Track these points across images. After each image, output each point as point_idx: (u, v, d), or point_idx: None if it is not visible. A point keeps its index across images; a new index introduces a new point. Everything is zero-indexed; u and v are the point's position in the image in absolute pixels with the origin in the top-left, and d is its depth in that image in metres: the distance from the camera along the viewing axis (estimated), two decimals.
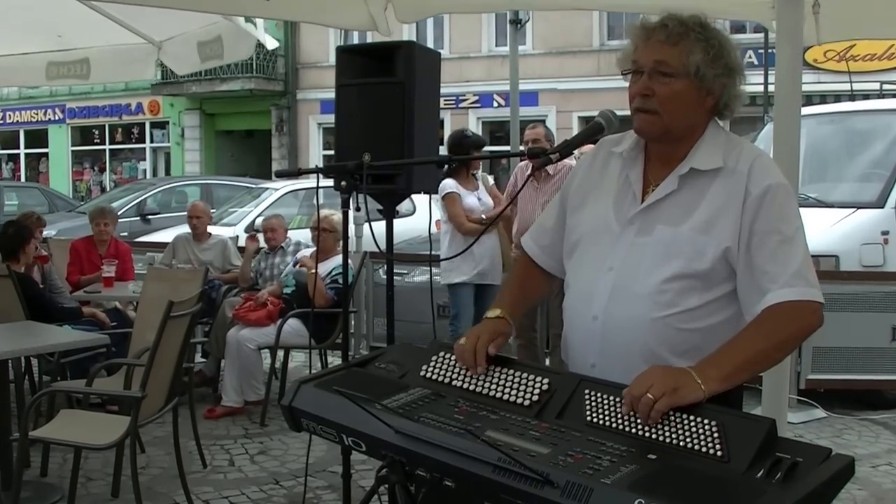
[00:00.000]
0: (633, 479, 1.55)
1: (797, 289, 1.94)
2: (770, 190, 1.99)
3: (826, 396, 6.06)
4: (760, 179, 2.00)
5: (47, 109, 27.96)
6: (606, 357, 2.05)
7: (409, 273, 7.21)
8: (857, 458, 5.27)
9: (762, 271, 1.96)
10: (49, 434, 3.95)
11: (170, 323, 3.79)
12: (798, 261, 1.97)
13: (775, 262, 1.95)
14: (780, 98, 3.66)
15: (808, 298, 1.95)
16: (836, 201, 7.02)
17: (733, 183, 2.01)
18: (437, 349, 2.11)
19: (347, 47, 3.56)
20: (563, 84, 19.90)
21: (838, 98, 13.58)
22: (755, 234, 1.98)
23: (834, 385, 6.06)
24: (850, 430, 5.69)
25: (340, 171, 2.59)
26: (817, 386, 6.03)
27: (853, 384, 6.11)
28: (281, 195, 12.05)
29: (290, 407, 2.05)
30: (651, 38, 2.03)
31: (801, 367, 5.95)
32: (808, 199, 6.71)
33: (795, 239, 1.99)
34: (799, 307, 1.94)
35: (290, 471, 4.88)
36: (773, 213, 1.98)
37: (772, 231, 1.97)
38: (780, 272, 1.94)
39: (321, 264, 5.94)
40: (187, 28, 5.52)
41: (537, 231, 2.37)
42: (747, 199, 1.99)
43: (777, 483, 1.54)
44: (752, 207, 1.98)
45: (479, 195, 6.16)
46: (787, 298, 1.93)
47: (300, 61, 24.01)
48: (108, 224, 6.82)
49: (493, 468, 1.64)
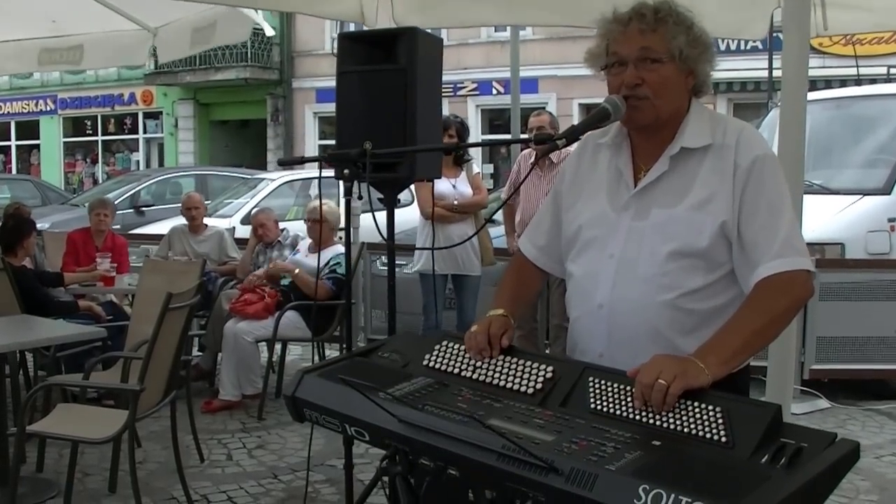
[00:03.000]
0: (638, 466, 1.56)
1: (786, 259, 1.96)
2: (757, 161, 2.01)
3: (829, 386, 6.02)
4: (747, 151, 2.02)
5: (38, 100, 27.76)
6: (615, 344, 2.06)
7: (407, 264, 7.15)
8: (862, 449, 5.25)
9: (753, 243, 1.99)
10: (46, 428, 3.91)
11: (168, 315, 3.76)
12: (785, 229, 1.99)
13: (764, 233, 1.98)
14: (787, 87, 3.65)
15: (798, 268, 1.97)
16: (842, 188, 6.96)
17: (723, 157, 2.03)
18: (439, 339, 2.11)
19: (349, 34, 3.51)
20: (563, 70, 19.43)
21: (844, 83, 13.46)
22: (744, 205, 2.00)
23: (838, 375, 6.02)
24: (853, 421, 5.66)
25: (343, 159, 2.55)
26: (821, 376, 5.99)
27: (858, 374, 6.07)
28: (277, 186, 12.01)
29: (293, 397, 2.03)
30: (627, 29, 2.04)
31: (805, 357, 5.92)
32: (813, 185, 6.61)
33: (783, 208, 2.01)
34: (789, 279, 1.96)
35: (288, 465, 4.86)
36: (760, 185, 2.00)
37: (759, 202, 2.00)
38: (770, 242, 1.97)
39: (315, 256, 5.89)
40: (183, 14, 5.48)
41: (533, 231, 2.39)
42: (736, 171, 2.01)
43: (781, 468, 1.54)
44: (742, 179, 2.01)
45: (454, 182, 6.04)
46: (777, 270, 1.95)
47: (296, 49, 23.73)
48: (107, 215, 6.80)
49: (497, 456, 1.64)
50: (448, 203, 5.94)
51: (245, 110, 24.93)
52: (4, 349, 4.14)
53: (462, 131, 6.10)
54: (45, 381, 4.49)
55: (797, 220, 2.04)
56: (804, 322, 5.80)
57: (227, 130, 25.86)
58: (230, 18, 5.33)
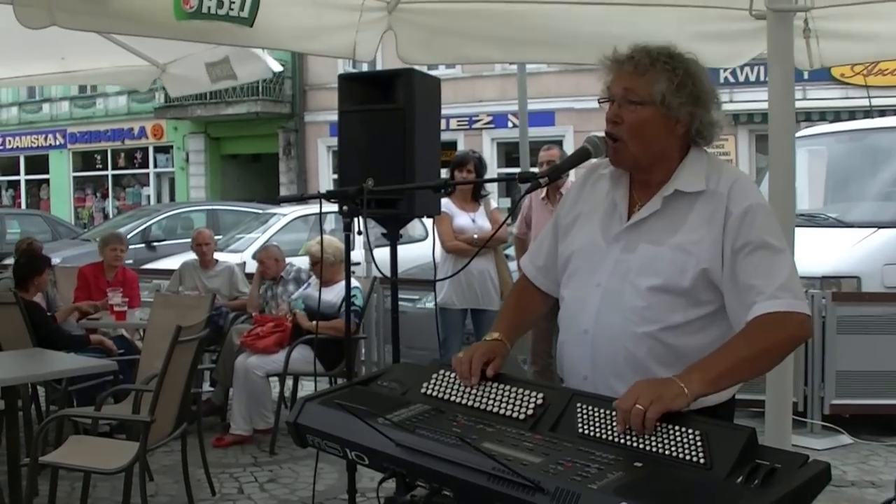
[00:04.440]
0: (619, 485, 1.65)
1: (783, 300, 2.01)
2: (750, 210, 2.08)
3: (852, 422, 5.96)
4: (741, 200, 2.09)
5: (48, 134, 27.89)
6: (597, 368, 2.15)
7: (420, 299, 7.16)
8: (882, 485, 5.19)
9: (748, 286, 2.04)
10: (59, 459, 3.98)
11: (177, 348, 3.84)
12: (785, 274, 2.04)
13: (761, 276, 2.03)
14: (773, 119, 3.71)
15: (795, 310, 2.01)
16: (857, 221, 6.91)
17: (714, 204, 2.10)
18: (437, 367, 2.20)
19: (348, 75, 3.67)
20: (580, 103, 19.28)
21: (868, 114, 13.45)
22: (739, 251, 2.06)
23: (858, 410, 5.95)
24: (876, 456, 5.58)
25: (342, 196, 2.65)
26: (842, 411, 5.91)
27: (878, 409, 5.98)
28: (289, 220, 11.96)
29: (296, 423, 2.13)
30: (621, 70, 2.15)
31: (825, 392, 5.86)
32: (829, 218, 6.65)
33: (781, 253, 2.07)
34: (785, 318, 2.01)
35: (300, 498, 4.90)
36: (755, 230, 2.06)
37: (756, 246, 2.05)
38: (766, 285, 2.02)
39: (329, 289, 5.96)
40: (192, 50, 5.59)
41: (534, 252, 2.47)
42: (728, 219, 2.08)
43: (755, 488, 1.63)
44: (734, 226, 2.07)
45: (474, 217, 6.13)
46: (773, 309, 2.00)
47: (308, 83, 23.62)
48: (123, 250, 6.93)
49: (488, 477, 1.73)
50: (468, 237, 6.02)
51: (257, 144, 24.93)
52: (18, 381, 4.21)
53: (479, 167, 6.17)
54: (56, 413, 4.57)
55: (795, 267, 2.10)
56: (823, 356, 5.78)
57: (238, 164, 25.85)
58: (239, 55, 5.44)
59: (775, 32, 3.67)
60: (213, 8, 3.36)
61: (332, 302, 5.95)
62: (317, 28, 4.04)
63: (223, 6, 3.38)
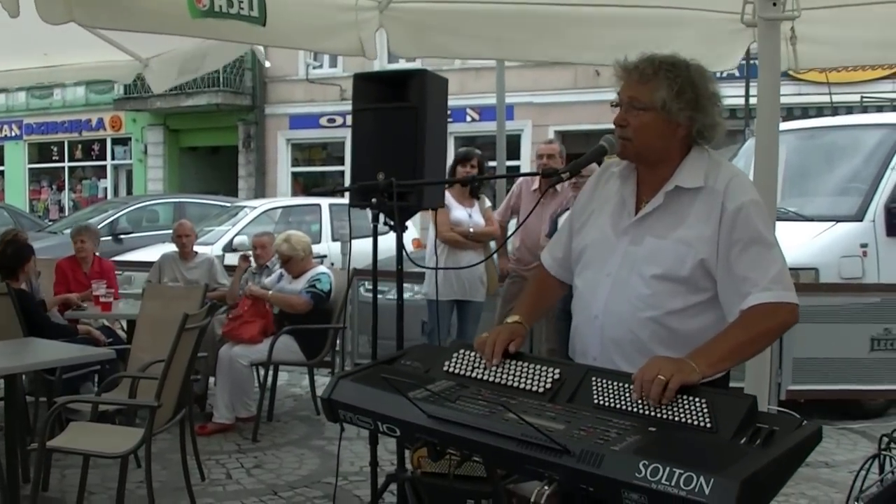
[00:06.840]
0: (637, 447, 1.85)
1: (775, 292, 2.25)
2: (745, 206, 2.30)
3: (806, 407, 6.16)
4: (736, 197, 2.31)
5: (3, 125, 27.29)
6: (605, 351, 2.38)
7: (389, 290, 7.24)
8: (835, 465, 5.46)
9: (743, 277, 2.27)
10: (64, 444, 4.07)
11: (182, 335, 3.96)
12: (776, 268, 2.28)
13: (755, 269, 2.26)
14: (761, 120, 3.99)
15: (786, 300, 2.26)
16: (816, 215, 7.10)
17: (712, 200, 2.33)
18: (457, 347, 2.40)
19: (364, 74, 3.80)
20: (539, 97, 19.68)
21: (820, 111, 13.39)
22: (735, 244, 2.29)
23: (814, 395, 6.19)
24: (829, 439, 5.80)
25: (371, 189, 2.81)
26: (798, 397, 6.15)
27: (832, 394, 6.24)
28: (258, 214, 12.30)
29: (330, 399, 2.29)
30: (629, 78, 2.39)
31: (782, 378, 6.10)
32: (788, 212, 6.84)
33: (773, 248, 2.31)
34: (777, 307, 2.25)
35: (286, 482, 5.03)
36: (750, 226, 2.29)
37: (751, 241, 2.28)
38: (760, 278, 2.25)
39: (298, 280, 6.28)
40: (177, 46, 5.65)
41: (554, 245, 2.71)
42: (724, 214, 2.30)
43: (757, 447, 1.85)
44: (729, 221, 2.29)
45: (470, 212, 6.30)
46: (766, 300, 2.23)
47: (268, 75, 23.19)
48: (84, 241, 6.92)
49: (517, 442, 1.92)
50: (464, 230, 6.21)
51: (216, 137, 24.53)
52: (20, 370, 4.29)
53: (482, 163, 6.41)
54: (54, 402, 4.64)
55: (785, 260, 2.34)
56: (780, 344, 6.01)
57: (197, 157, 25.48)
58: (221, 49, 5.52)
59: (765, 39, 3.92)
60: (225, 7, 3.47)
61: (297, 290, 6.24)
62: (325, 27, 4.18)
63: (234, 5, 3.50)
